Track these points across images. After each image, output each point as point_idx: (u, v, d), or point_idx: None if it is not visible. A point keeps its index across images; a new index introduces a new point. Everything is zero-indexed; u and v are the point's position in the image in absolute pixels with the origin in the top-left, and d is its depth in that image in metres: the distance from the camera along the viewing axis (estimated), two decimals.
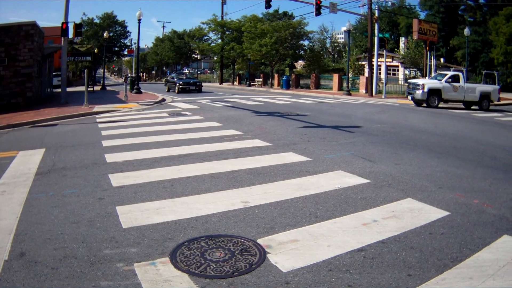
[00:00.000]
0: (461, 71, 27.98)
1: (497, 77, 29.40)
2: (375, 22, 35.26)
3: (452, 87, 26.72)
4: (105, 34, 44.87)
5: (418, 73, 41.75)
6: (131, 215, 5.22)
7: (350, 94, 33.63)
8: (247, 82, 55.46)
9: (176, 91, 34.17)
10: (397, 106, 24.32)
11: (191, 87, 34.64)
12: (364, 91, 37.46)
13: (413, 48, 41.34)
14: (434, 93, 26.77)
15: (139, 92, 31.30)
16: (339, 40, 78.93)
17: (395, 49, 54.98)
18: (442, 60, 49.91)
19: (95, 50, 54.47)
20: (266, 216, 5.22)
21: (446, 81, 26.89)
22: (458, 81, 26.42)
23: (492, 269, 3.90)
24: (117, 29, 78.53)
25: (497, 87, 26.96)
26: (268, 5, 28.67)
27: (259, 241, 4.48)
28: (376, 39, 35.53)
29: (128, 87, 29.78)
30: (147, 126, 13.28)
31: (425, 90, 26.92)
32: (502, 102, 29.88)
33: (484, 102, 26.09)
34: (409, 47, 45.32)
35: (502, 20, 46.05)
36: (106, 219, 5.15)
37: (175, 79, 36.31)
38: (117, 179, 6.93)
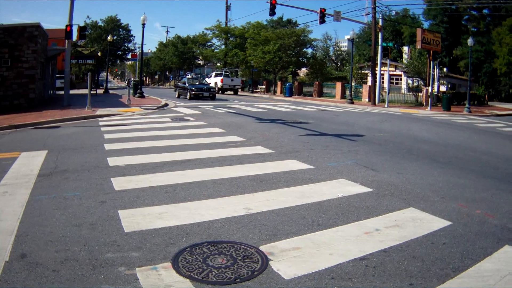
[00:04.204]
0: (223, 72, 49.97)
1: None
2: (379, 31, 35.32)
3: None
4: (108, 38, 44.92)
5: (421, 82, 41.72)
6: (133, 219, 5.22)
7: (353, 103, 33.54)
8: (250, 89, 55.53)
9: (188, 97, 32.20)
10: (400, 115, 24.31)
11: (205, 94, 32.41)
12: (366, 100, 37.51)
13: (416, 58, 41.28)
14: (215, 85, 45.22)
15: (142, 96, 31.38)
16: (342, 49, 78.95)
17: (398, 58, 55.06)
18: (445, 69, 49.88)
19: (99, 53, 54.68)
20: (269, 223, 5.21)
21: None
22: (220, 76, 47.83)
23: (493, 279, 3.90)
24: (121, 32, 79.08)
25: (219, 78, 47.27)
26: (272, 13, 28.93)
27: (262, 248, 4.47)
28: (379, 48, 35.56)
29: (131, 91, 29.87)
30: (150, 131, 13.31)
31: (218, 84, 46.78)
32: (504, 112, 30.11)
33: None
34: (412, 56, 45.37)
35: (505, 31, 46.28)
36: (108, 222, 5.14)
37: (187, 84, 33.87)
38: (119, 183, 6.93)
